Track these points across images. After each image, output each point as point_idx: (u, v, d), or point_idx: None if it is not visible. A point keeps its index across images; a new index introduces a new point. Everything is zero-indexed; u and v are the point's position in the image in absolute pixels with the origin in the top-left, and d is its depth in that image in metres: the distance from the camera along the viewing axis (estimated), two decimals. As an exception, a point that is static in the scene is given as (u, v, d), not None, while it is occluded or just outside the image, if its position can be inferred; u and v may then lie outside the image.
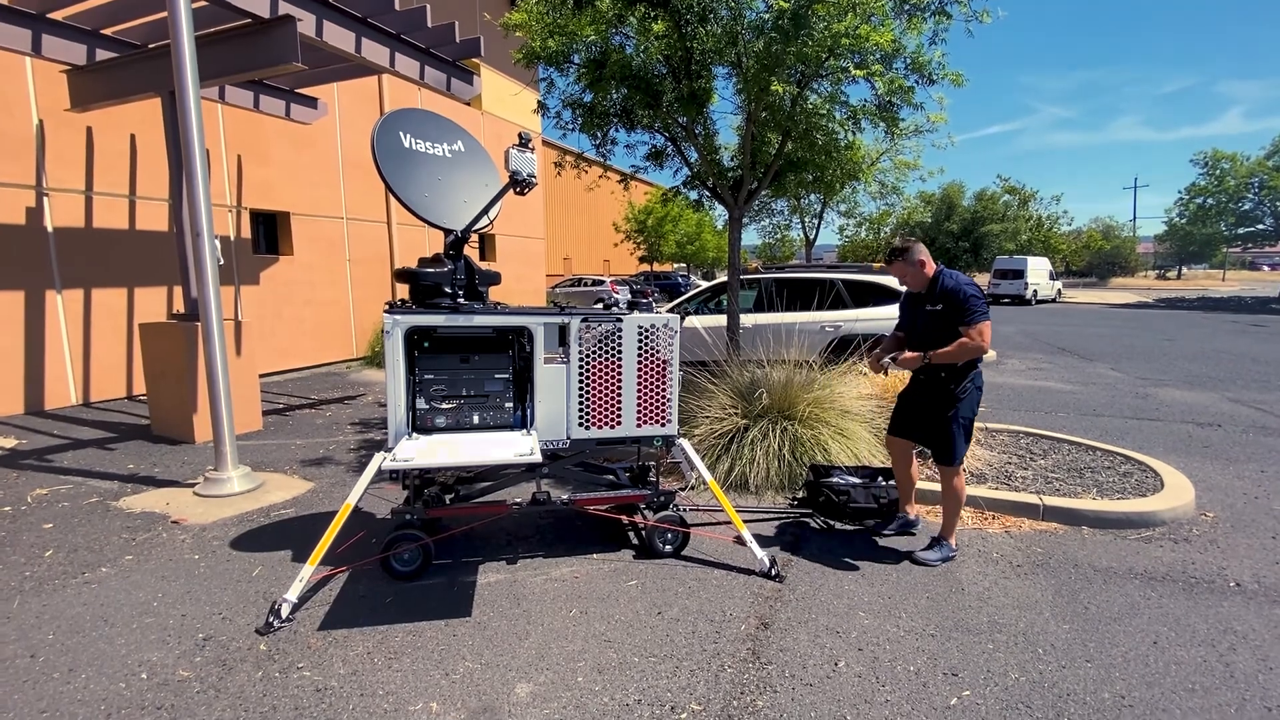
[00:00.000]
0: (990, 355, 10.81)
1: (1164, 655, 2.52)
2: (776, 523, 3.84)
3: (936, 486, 4.07)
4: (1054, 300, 29.11)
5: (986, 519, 3.85)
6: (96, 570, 3.19)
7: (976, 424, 5.12)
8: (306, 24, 5.01)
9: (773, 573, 3.12)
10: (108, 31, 5.74)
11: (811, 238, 19.67)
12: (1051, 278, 29.44)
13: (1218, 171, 42.23)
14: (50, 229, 6.62)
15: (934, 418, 3.24)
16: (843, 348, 5.40)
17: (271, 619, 2.67)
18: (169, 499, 4.18)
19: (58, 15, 5.44)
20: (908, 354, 3.18)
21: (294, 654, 2.50)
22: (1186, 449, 5.34)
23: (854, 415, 4.50)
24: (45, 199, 6.57)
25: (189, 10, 4.01)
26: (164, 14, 4.53)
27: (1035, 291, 27.13)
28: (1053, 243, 34.66)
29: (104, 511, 3.97)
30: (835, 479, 3.85)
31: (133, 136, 7.17)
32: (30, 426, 6.00)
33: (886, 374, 3.40)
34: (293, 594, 2.75)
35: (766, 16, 4.62)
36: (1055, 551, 3.43)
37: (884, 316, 6.31)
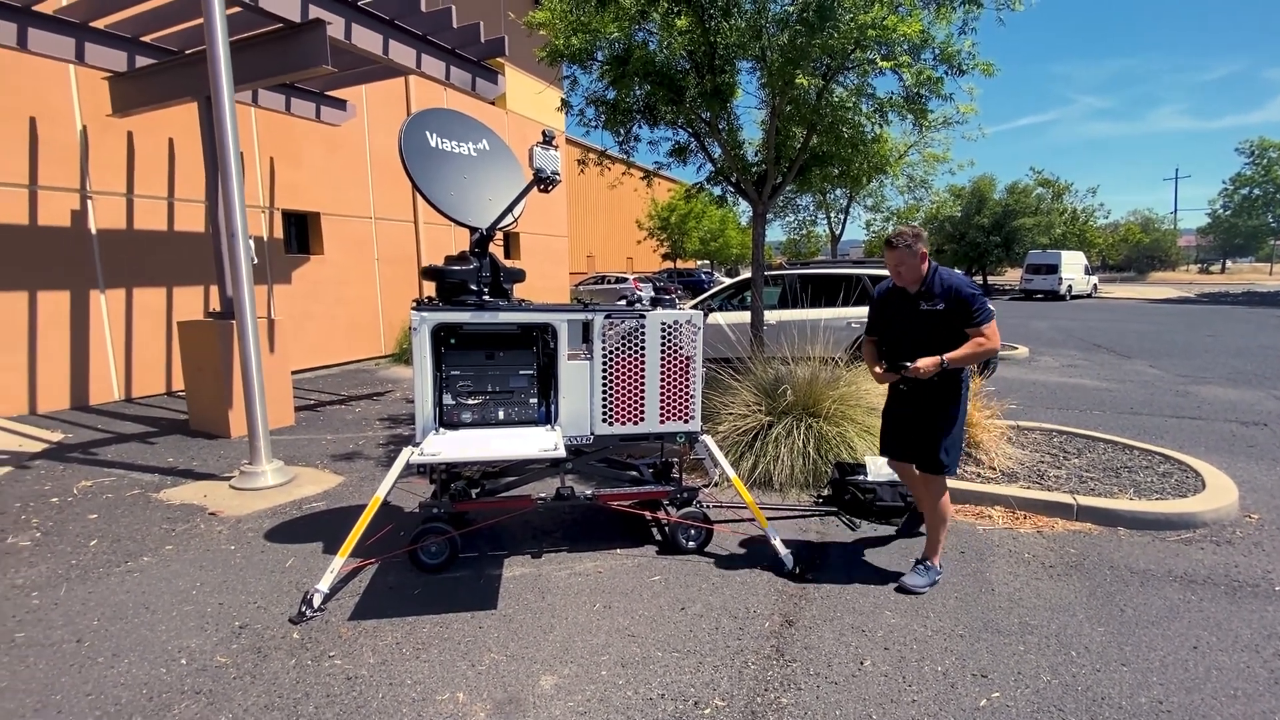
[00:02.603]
0: (1022, 352, 10.56)
1: (1205, 660, 2.44)
2: (801, 520, 3.81)
3: (973, 487, 4.00)
4: (1089, 295, 28.31)
5: (1018, 519, 3.76)
6: (139, 559, 3.31)
7: (1007, 421, 5.04)
8: (336, 27, 5.10)
9: (797, 570, 3.10)
10: (147, 39, 5.92)
11: (837, 233, 19.43)
12: (1087, 272, 28.64)
13: (1264, 161, 40.60)
14: (94, 231, 6.86)
15: (926, 425, 2.97)
16: (869, 344, 5.31)
17: (304, 608, 2.73)
18: (206, 491, 4.31)
19: (100, 23, 5.63)
20: (924, 361, 2.81)
21: (325, 643, 2.56)
22: (1230, 448, 5.15)
23: (878, 412, 4.43)
24: (89, 202, 6.81)
25: (224, 17, 4.11)
26: (200, 20, 4.66)
27: (1070, 287, 26.42)
28: (1088, 236, 33.69)
29: (145, 503, 4.11)
30: (861, 477, 3.80)
31: (171, 140, 7.39)
32: (76, 421, 6.24)
33: (902, 385, 3.07)
34: (324, 584, 2.81)
35: (791, 9, 4.57)
36: (1090, 552, 3.35)
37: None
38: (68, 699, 2.23)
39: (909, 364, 2.82)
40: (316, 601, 2.76)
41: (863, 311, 3.93)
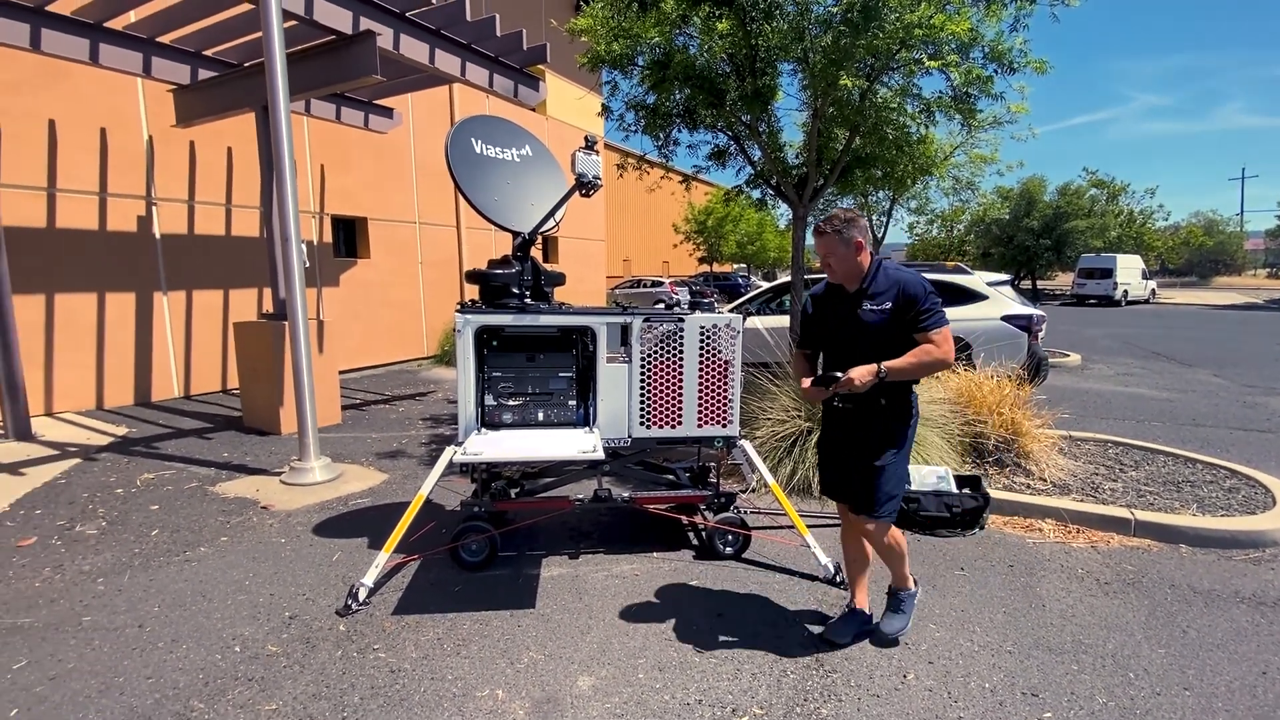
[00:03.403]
0: (1075, 359, 10.15)
1: (1275, 687, 2.30)
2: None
3: (1023, 498, 3.86)
4: (1147, 301, 27.10)
5: (1070, 532, 3.62)
6: (196, 549, 3.46)
7: (1059, 431, 4.86)
8: (385, 38, 5.26)
9: (837, 579, 3.04)
10: (208, 52, 6.21)
11: (880, 236, 19.03)
12: (1144, 277, 27.42)
13: (1342, 159, 38.23)
14: (158, 235, 7.21)
15: (869, 455, 2.43)
16: (912, 350, 5.19)
17: (350, 602, 2.81)
18: (258, 486, 4.47)
19: (165, 39, 5.93)
20: (860, 370, 2.28)
21: (370, 636, 2.63)
22: (1304, 464, 4.85)
23: (924, 420, 4.33)
24: (154, 208, 7.17)
25: (281, 31, 4.28)
26: (259, 34, 4.87)
27: (1125, 292, 25.35)
28: (1146, 239, 32.23)
29: (202, 496, 4.30)
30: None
31: (229, 149, 7.72)
32: (139, 416, 6.56)
33: (836, 402, 2.50)
34: (369, 579, 2.89)
35: (835, 10, 4.51)
36: (1149, 570, 3.19)
37: (956, 318, 6.04)
38: (130, 681, 2.34)
39: (840, 374, 2.32)
40: (362, 595, 2.84)
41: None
